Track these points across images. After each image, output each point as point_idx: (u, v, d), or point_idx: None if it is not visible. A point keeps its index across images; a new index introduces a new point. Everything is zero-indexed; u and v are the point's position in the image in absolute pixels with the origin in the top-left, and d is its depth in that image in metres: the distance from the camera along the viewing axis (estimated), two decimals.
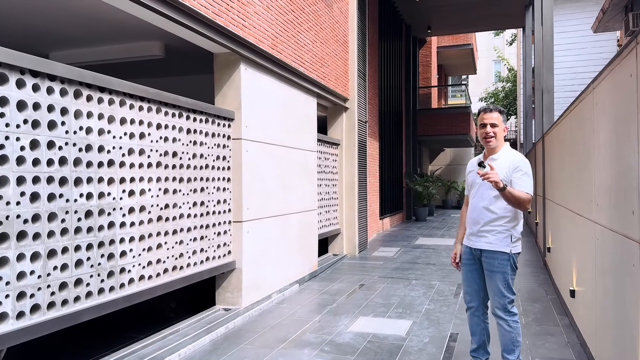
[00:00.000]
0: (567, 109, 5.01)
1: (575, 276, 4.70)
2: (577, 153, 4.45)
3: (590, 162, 3.76)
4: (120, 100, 3.71)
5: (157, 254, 4.07)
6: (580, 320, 4.43)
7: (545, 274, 7.37)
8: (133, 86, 3.79)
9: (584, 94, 4.04)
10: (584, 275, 4.23)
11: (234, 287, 5.20)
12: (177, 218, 4.32)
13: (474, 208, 3.42)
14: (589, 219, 3.84)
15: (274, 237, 5.94)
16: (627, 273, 2.70)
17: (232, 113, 5.18)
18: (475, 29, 17.83)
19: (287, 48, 6.21)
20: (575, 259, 4.70)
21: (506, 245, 3.27)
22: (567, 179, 5.25)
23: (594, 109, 3.64)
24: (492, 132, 3.36)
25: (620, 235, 2.83)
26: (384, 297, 6.05)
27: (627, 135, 2.66)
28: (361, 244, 9.40)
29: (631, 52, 2.60)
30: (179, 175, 4.35)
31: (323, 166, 8.18)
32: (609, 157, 3.12)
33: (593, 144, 3.66)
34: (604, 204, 3.30)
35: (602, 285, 3.43)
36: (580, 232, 4.32)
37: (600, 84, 3.40)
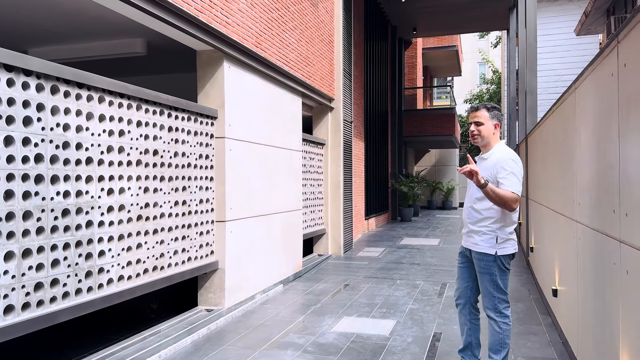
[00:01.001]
0: (549, 109, 5.04)
1: (557, 275, 4.73)
2: (560, 153, 4.47)
3: (573, 162, 3.77)
4: (99, 97, 3.64)
5: (137, 254, 4.00)
6: (562, 319, 4.45)
7: (529, 273, 7.42)
8: (113, 82, 3.72)
9: (566, 94, 4.06)
10: (566, 274, 4.25)
11: (216, 287, 5.14)
12: (157, 217, 4.25)
13: (465, 208, 3.44)
14: (571, 218, 3.86)
15: (258, 237, 5.89)
16: (607, 272, 2.71)
17: (215, 111, 5.12)
18: (460, 30, 17.94)
19: (272, 46, 6.17)
20: (557, 258, 4.73)
21: (491, 247, 3.23)
22: (550, 179, 5.28)
23: (576, 108, 3.66)
24: (477, 131, 3.33)
25: (601, 234, 2.84)
26: (368, 297, 6.03)
27: (608, 134, 2.67)
28: (346, 244, 9.38)
29: (612, 51, 2.60)
30: (159, 174, 4.28)
31: (308, 166, 8.14)
32: (591, 156, 3.13)
33: (575, 144, 3.68)
34: (585, 203, 3.32)
35: (583, 284, 3.44)
36: (563, 232, 4.34)
37: (582, 84, 3.42)
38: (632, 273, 2.27)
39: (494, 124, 3.35)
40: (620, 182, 2.42)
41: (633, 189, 2.24)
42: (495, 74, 32.53)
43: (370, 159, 13.11)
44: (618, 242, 2.47)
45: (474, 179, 3.03)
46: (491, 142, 3.35)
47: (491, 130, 3.34)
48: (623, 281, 2.40)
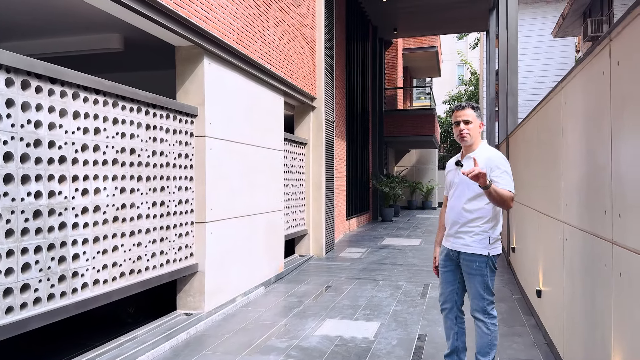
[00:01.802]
0: (533, 109, 5.03)
1: (541, 276, 4.71)
2: (544, 153, 4.45)
3: (558, 162, 3.74)
4: (73, 93, 3.47)
5: (112, 257, 3.84)
6: (546, 320, 4.43)
7: (510, 273, 7.43)
8: (87, 78, 3.56)
9: (552, 93, 4.03)
10: (551, 275, 4.22)
11: (196, 290, 5.00)
12: (134, 219, 4.09)
13: (452, 208, 3.30)
14: (557, 219, 3.83)
15: (239, 239, 5.76)
16: (598, 273, 2.67)
17: (195, 109, 4.98)
18: (440, 31, 18.03)
19: (253, 44, 6.04)
20: (541, 259, 4.71)
21: (484, 248, 3.16)
22: (533, 179, 5.27)
23: (563, 108, 3.63)
24: (467, 129, 3.25)
25: (591, 235, 2.80)
26: (351, 299, 5.95)
27: (599, 134, 2.63)
28: (328, 244, 9.30)
29: (604, 49, 2.56)
30: (137, 174, 4.13)
31: (290, 166, 8.03)
32: (579, 156, 3.09)
33: (561, 144, 3.65)
34: (573, 204, 3.28)
35: (570, 286, 3.41)
36: (547, 232, 4.32)
37: (570, 83, 3.38)
38: (625, 275, 2.22)
39: (479, 123, 3.32)
40: (612, 183, 2.38)
41: (626, 190, 2.19)
42: (474, 76, 32.86)
43: (352, 159, 13.06)
44: (610, 243, 2.42)
45: (479, 180, 2.87)
46: (476, 141, 3.31)
47: (478, 130, 3.30)
48: (616, 283, 2.36)
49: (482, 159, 3.16)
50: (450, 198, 3.35)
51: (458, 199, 3.26)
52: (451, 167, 3.40)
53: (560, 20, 16.98)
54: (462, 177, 3.15)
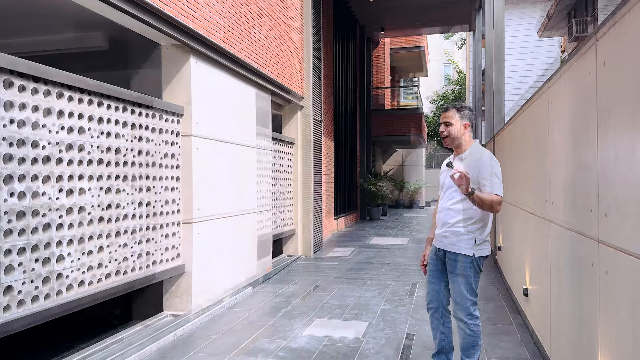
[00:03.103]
0: (520, 108, 5.06)
1: (528, 275, 4.74)
2: (531, 153, 4.48)
3: (545, 161, 3.77)
4: (57, 92, 3.41)
5: (97, 258, 3.78)
6: (533, 319, 4.46)
7: (496, 272, 7.48)
8: (72, 77, 3.50)
9: (537, 93, 4.06)
10: (537, 274, 4.25)
11: (183, 291, 4.95)
12: (120, 219, 4.04)
13: (442, 208, 3.33)
14: (544, 218, 3.85)
15: (227, 239, 5.72)
16: (585, 272, 2.69)
17: (182, 108, 4.93)
18: (427, 30, 18.10)
19: (240, 42, 6.00)
20: (528, 257, 4.74)
21: (469, 248, 3.16)
22: (519, 179, 5.30)
23: (549, 108, 3.65)
24: (446, 132, 3.29)
25: (578, 234, 2.82)
26: (339, 299, 5.94)
27: (585, 134, 2.65)
28: (316, 244, 9.28)
29: (590, 49, 2.58)
30: (122, 173, 4.08)
31: (278, 165, 8.00)
32: (566, 156, 3.11)
33: (548, 143, 3.67)
34: (560, 203, 3.31)
35: (557, 285, 3.44)
36: (534, 231, 4.35)
37: (556, 83, 3.41)
38: (612, 274, 2.24)
39: (464, 124, 3.31)
40: (599, 182, 2.39)
41: (612, 189, 2.21)
42: (460, 75, 33.08)
43: (340, 159, 13.06)
44: (596, 242, 2.44)
45: (462, 187, 2.97)
46: (463, 142, 3.32)
47: (461, 131, 3.30)
48: (602, 282, 2.37)
49: (472, 159, 3.20)
50: (442, 198, 3.39)
51: (447, 200, 3.28)
52: (444, 168, 3.41)
53: (546, 21, 17.14)
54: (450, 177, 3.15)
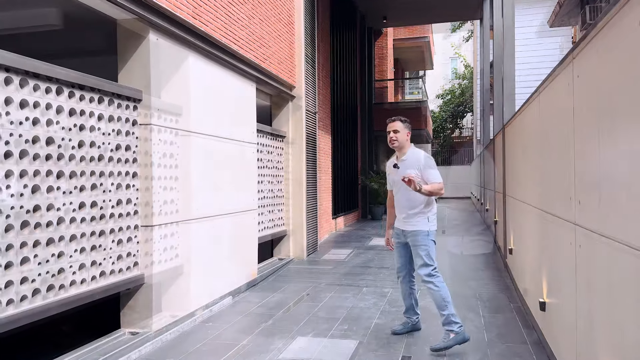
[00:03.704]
0: (535, 91, 4.33)
1: (545, 286, 4.01)
2: (549, 141, 3.75)
3: (569, 151, 3.04)
4: None
5: (20, 272, 3.10)
6: (553, 338, 3.74)
7: (507, 277, 6.74)
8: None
9: (559, 67, 3.33)
10: (558, 287, 3.53)
11: (142, 306, 4.27)
12: (53, 224, 3.36)
13: (399, 201, 4.30)
14: (567, 219, 3.13)
15: (200, 244, 5.03)
16: (633, 291, 1.97)
17: (139, 93, 4.24)
18: (432, 20, 17.33)
19: (215, 20, 5.30)
20: (545, 266, 4.02)
21: (425, 225, 4.16)
22: (533, 173, 4.58)
23: (574, 84, 2.93)
24: (395, 137, 4.23)
25: (619, 243, 2.10)
26: (328, 310, 5.24)
27: (633, 112, 1.93)
28: (310, 246, 8.57)
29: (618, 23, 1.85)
30: (56, 169, 3.39)
31: (266, 161, 7.30)
32: (599, 143, 2.39)
33: (573, 129, 2.95)
34: (589, 203, 2.58)
35: (586, 303, 2.72)
36: (553, 235, 3.62)
37: (586, 49, 2.67)
38: None
39: (407, 132, 4.29)
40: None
41: None
42: (467, 69, 32.23)
43: (339, 154, 12.33)
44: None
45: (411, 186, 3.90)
46: (405, 146, 4.27)
47: (405, 137, 4.27)
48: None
49: (413, 158, 4.21)
50: (397, 193, 4.33)
51: (403, 194, 4.22)
52: (391, 170, 4.38)
53: (557, 8, 16.28)
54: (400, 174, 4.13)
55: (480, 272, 7.12)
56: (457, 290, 6.05)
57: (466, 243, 10.07)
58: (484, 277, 6.79)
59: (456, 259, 8.23)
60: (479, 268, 7.45)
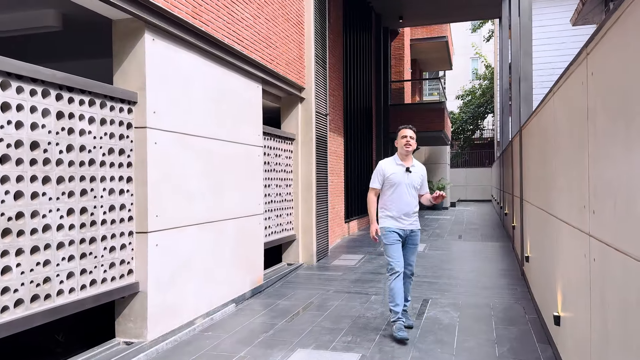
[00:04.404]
0: (549, 90, 4.07)
1: (560, 299, 3.75)
2: (564, 144, 3.50)
3: (583, 154, 2.80)
4: None
5: (1, 281, 2.98)
6: (567, 354, 3.48)
7: (524, 286, 6.45)
8: None
9: (573, 65, 3.08)
10: (572, 300, 3.27)
11: (137, 315, 4.13)
12: (39, 231, 3.23)
13: (402, 201, 4.62)
14: (581, 229, 2.88)
15: (199, 250, 4.88)
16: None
17: (134, 95, 4.10)
18: (450, 19, 16.99)
19: (217, 19, 5.15)
20: (560, 277, 3.76)
21: (419, 224, 4.77)
22: (548, 177, 4.31)
23: (588, 82, 2.68)
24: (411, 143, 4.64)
25: (635, 260, 1.87)
26: (333, 320, 5.04)
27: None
28: (320, 251, 8.38)
29: None
30: (42, 174, 3.26)
31: (273, 164, 7.14)
32: (615, 147, 2.15)
33: (587, 131, 2.71)
34: (604, 213, 2.34)
35: (601, 321, 2.48)
36: (567, 246, 3.37)
37: (600, 44, 2.43)
38: None
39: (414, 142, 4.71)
40: None
41: None
42: (488, 69, 31.67)
43: (351, 157, 12.11)
44: None
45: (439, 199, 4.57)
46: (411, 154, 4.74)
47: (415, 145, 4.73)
48: None
49: (418, 169, 4.75)
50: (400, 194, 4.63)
51: (407, 195, 4.63)
52: (396, 170, 4.65)
53: (580, 6, 15.80)
54: (410, 179, 4.63)
55: (496, 280, 6.84)
56: (470, 299, 5.80)
57: (483, 249, 9.76)
58: (499, 286, 6.50)
59: (472, 266, 7.95)
60: (494, 275, 7.16)
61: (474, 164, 30.28)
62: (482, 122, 32.80)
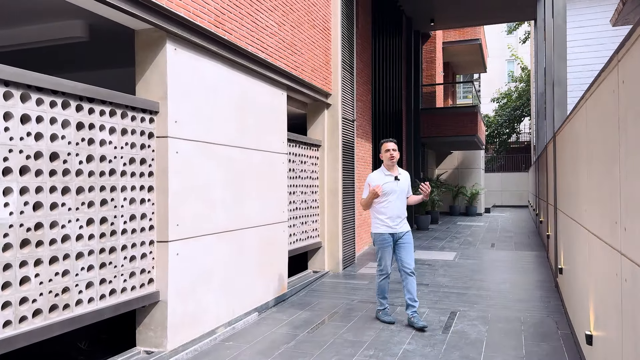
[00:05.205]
0: (582, 96, 3.88)
1: (593, 317, 3.56)
2: (596, 154, 3.31)
3: (614, 168, 2.63)
4: None
5: (20, 291, 3.01)
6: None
7: (557, 299, 6.19)
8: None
9: (604, 72, 2.91)
10: (605, 320, 3.09)
11: (157, 324, 4.13)
12: (57, 241, 3.26)
13: (394, 207, 5.14)
14: (613, 247, 2.71)
15: (220, 258, 4.87)
16: None
17: (156, 104, 4.12)
18: (483, 21, 16.63)
19: (240, 28, 5.15)
20: (592, 294, 3.56)
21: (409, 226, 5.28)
22: (579, 188, 4.11)
23: (619, 90, 2.52)
24: (395, 155, 5.27)
25: None
26: (356, 332, 4.94)
27: None
28: (346, 258, 8.28)
29: None
30: (61, 185, 3.30)
31: (299, 170, 7.09)
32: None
33: (618, 142, 2.54)
34: (636, 231, 2.18)
35: (633, 345, 2.31)
36: (599, 262, 3.18)
37: (631, 50, 2.28)
38: None
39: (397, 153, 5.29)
40: None
41: None
42: (524, 71, 30.90)
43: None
44: None
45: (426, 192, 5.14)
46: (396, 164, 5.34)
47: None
48: None
49: (404, 176, 5.33)
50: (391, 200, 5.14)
51: (399, 201, 5.19)
52: (387, 180, 5.20)
53: (620, 6, 15.21)
54: (400, 186, 5.20)
55: (528, 292, 6.59)
56: (500, 312, 5.60)
57: (516, 258, 9.46)
58: (531, 298, 6.26)
59: (503, 277, 7.70)
60: (527, 287, 6.91)
61: (510, 169, 29.57)
62: (519, 126, 31.99)
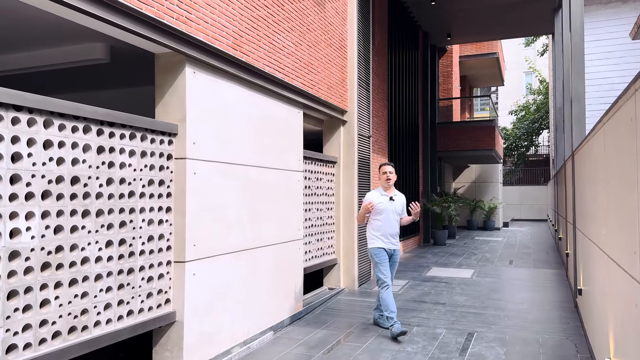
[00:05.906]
0: (600, 119, 3.85)
1: (612, 344, 3.49)
2: (613, 181, 3.28)
3: (633, 196, 2.60)
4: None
5: (39, 314, 3.07)
6: None
7: (577, 320, 6.08)
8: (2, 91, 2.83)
9: (622, 99, 2.89)
10: (625, 349, 3.03)
11: (174, 344, 4.16)
12: (77, 264, 3.32)
13: (389, 225, 5.63)
14: (631, 275, 2.67)
15: (236, 278, 4.90)
16: None
17: (175, 127, 4.19)
18: (499, 36, 16.58)
19: (258, 49, 5.22)
20: (612, 320, 3.50)
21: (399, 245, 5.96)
22: (598, 212, 4.06)
23: (637, 119, 2.50)
24: (392, 178, 5.68)
25: None
26: (371, 354, 4.91)
27: None
28: (362, 275, 8.25)
29: None
30: (81, 208, 3.37)
31: (314, 187, 7.12)
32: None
33: (636, 171, 2.52)
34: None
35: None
36: (619, 289, 3.13)
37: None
38: None
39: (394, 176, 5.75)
40: None
41: None
42: (543, 84, 30.68)
43: None
44: None
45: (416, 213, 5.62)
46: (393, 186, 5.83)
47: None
48: None
49: (399, 197, 5.80)
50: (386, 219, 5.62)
51: (392, 220, 5.65)
52: (382, 200, 5.64)
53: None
54: (394, 206, 5.67)
55: (547, 313, 6.49)
56: (518, 333, 5.52)
57: (535, 277, 9.33)
58: (551, 320, 6.16)
59: (522, 296, 7.60)
60: (546, 307, 6.81)
61: (528, 182, 29.23)
62: (537, 139, 31.69)
